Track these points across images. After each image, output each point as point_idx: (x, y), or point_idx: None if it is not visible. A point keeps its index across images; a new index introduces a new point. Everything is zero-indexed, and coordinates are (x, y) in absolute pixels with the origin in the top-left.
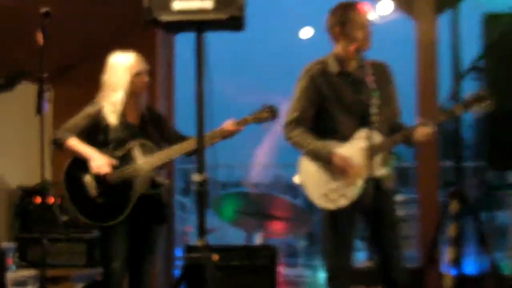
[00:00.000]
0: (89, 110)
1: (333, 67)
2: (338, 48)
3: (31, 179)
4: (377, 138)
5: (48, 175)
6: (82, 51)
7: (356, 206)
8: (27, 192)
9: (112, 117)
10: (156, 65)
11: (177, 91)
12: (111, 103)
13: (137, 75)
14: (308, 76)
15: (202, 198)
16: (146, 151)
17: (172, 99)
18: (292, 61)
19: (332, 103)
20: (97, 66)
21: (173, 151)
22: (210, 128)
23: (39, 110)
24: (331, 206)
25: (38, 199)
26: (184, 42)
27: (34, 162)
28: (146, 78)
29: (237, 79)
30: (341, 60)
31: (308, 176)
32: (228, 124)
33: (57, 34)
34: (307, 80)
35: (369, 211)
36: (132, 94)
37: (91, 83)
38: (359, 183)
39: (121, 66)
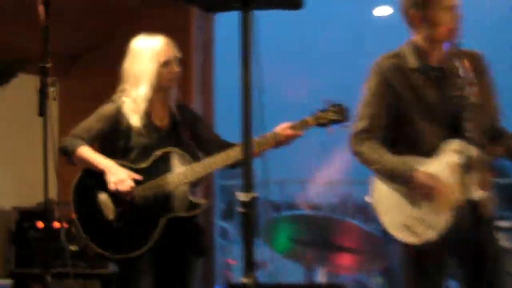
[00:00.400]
0: (105, 110)
1: (412, 61)
2: (417, 36)
3: (31, 199)
4: (472, 150)
5: (53, 193)
6: (94, 36)
7: (447, 239)
8: (26, 215)
9: (134, 118)
10: (190, 52)
11: (217, 85)
12: (133, 100)
13: (165, 64)
14: (379, 73)
15: (249, 223)
16: (178, 161)
17: (211, 95)
18: (362, 50)
19: (411, 106)
20: (115, 53)
21: (213, 162)
22: (259, 132)
23: (42, 110)
24: (414, 240)
25: (40, 224)
26: (226, 23)
27: (35, 176)
28: (177, 68)
29: (294, 70)
30: (421, 52)
31: (384, 201)
32: (282, 128)
33: (61, 16)
34: (378, 78)
35: (464, 244)
36: (160, 88)
37: (108, 76)
38: (450, 209)
39: (146, 52)
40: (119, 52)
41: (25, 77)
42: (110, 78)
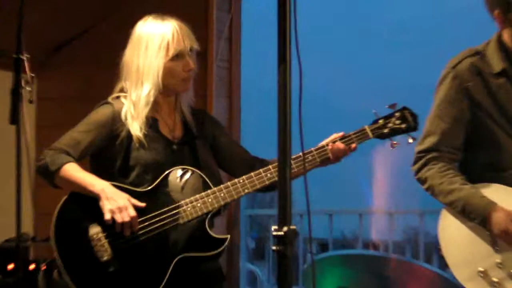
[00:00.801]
0: (98, 115)
1: (495, 62)
2: (503, 33)
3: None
4: None
5: (28, 226)
6: (86, 16)
7: None
8: None
9: (134, 126)
10: (209, 42)
11: (244, 86)
12: (133, 103)
13: (177, 57)
14: (454, 76)
15: (285, 266)
16: (194, 184)
17: (236, 98)
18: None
19: (492, 118)
20: (107, 40)
21: (241, 186)
22: (300, 146)
23: (14, 116)
24: None
25: (10, 265)
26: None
27: (3, 203)
28: (193, 64)
29: (345, 67)
30: (509, 52)
31: (453, 241)
32: (331, 140)
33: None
34: (453, 83)
35: None
36: (169, 89)
37: (98, 70)
38: None
39: (153, 41)
40: (112, 38)
41: None
42: (102, 72)
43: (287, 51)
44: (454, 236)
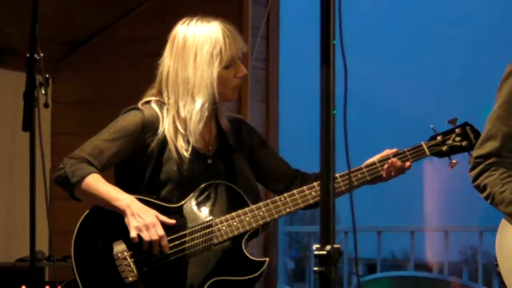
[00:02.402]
0: (126, 122)
1: None
2: None
3: (10, 252)
4: None
5: (43, 244)
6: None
7: None
8: (2, 276)
9: (180, 142)
10: (244, 39)
11: (283, 88)
12: (184, 119)
13: (231, 65)
14: None
15: None
16: (230, 201)
17: (274, 102)
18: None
19: None
20: (135, 36)
21: (282, 204)
22: (347, 162)
23: (27, 122)
24: None
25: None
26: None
27: (16, 219)
28: (244, 70)
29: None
30: None
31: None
32: (384, 157)
33: None
34: None
35: None
36: (220, 99)
37: (126, 71)
38: None
39: (202, 49)
40: (136, 35)
41: (4, 73)
42: (124, 73)
43: (331, 50)
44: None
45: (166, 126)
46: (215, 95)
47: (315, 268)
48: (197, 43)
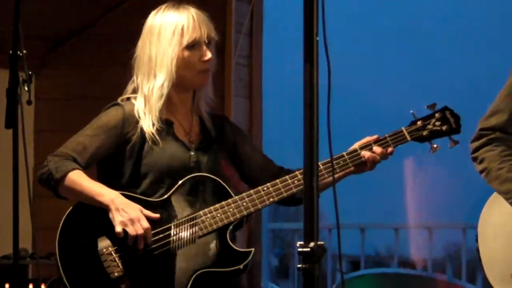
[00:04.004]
0: (108, 117)
1: None
2: None
3: None
4: None
5: (26, 242)
6: (91, 6)
7: None
8: None
9: (146, 122)
10: (227, 36)
11: (266, 85)
12: (145, 96)
13: (194, 46)
14: None
15: (312, 285)
16: (213, 193)
17: (258, 98)
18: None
19: None
20: (119, 32)
21: (264, 194)
22: (329, 151)
23: (10, 119)
24: None
25: (6, 286)
26: None
27: (0, 217)
28: (209, 54)
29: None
30: None
31: (493, 234)
32: (364, 144)
33: None
34: None
35: None
36: (184, 84)
37: (110, 68)
38: None
39: (166, 28)
40: (120, 31)
41: None
42: (108, 70)
43: (314, 46)
44: (496, 229)
45: (135, 112)
46: (173, 74)
47: (299, 265)
48: (162, 23)
